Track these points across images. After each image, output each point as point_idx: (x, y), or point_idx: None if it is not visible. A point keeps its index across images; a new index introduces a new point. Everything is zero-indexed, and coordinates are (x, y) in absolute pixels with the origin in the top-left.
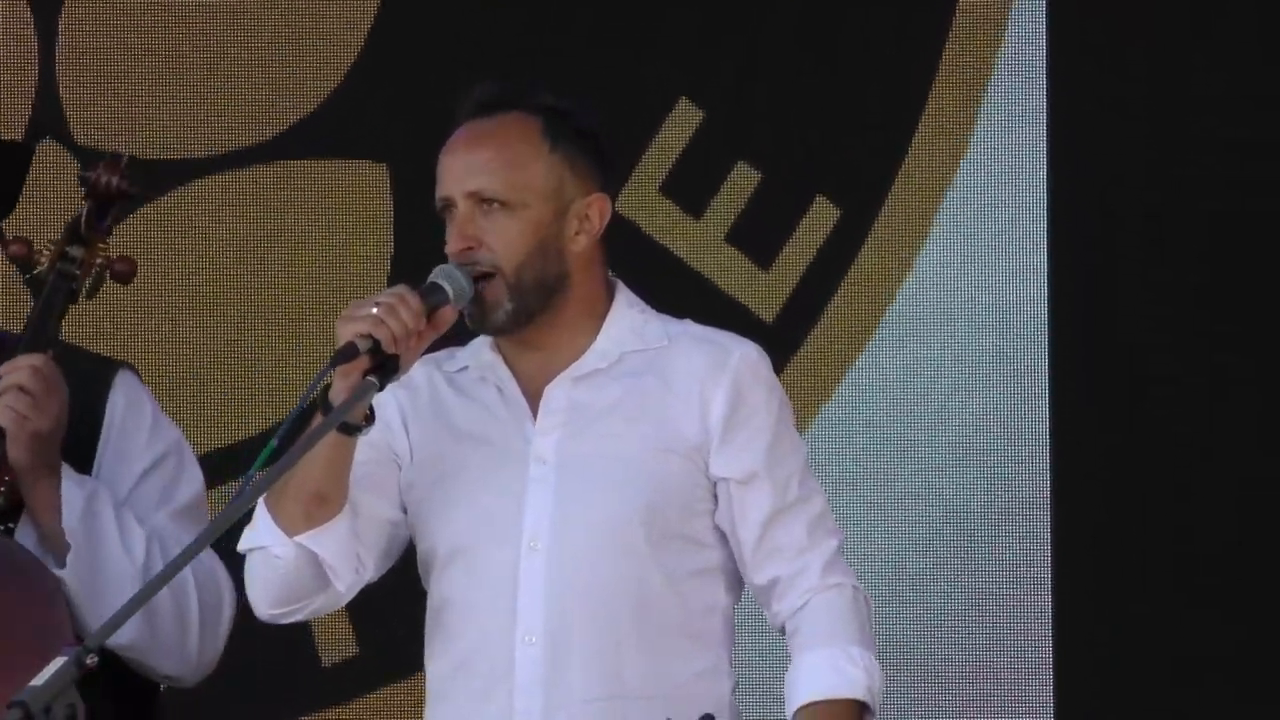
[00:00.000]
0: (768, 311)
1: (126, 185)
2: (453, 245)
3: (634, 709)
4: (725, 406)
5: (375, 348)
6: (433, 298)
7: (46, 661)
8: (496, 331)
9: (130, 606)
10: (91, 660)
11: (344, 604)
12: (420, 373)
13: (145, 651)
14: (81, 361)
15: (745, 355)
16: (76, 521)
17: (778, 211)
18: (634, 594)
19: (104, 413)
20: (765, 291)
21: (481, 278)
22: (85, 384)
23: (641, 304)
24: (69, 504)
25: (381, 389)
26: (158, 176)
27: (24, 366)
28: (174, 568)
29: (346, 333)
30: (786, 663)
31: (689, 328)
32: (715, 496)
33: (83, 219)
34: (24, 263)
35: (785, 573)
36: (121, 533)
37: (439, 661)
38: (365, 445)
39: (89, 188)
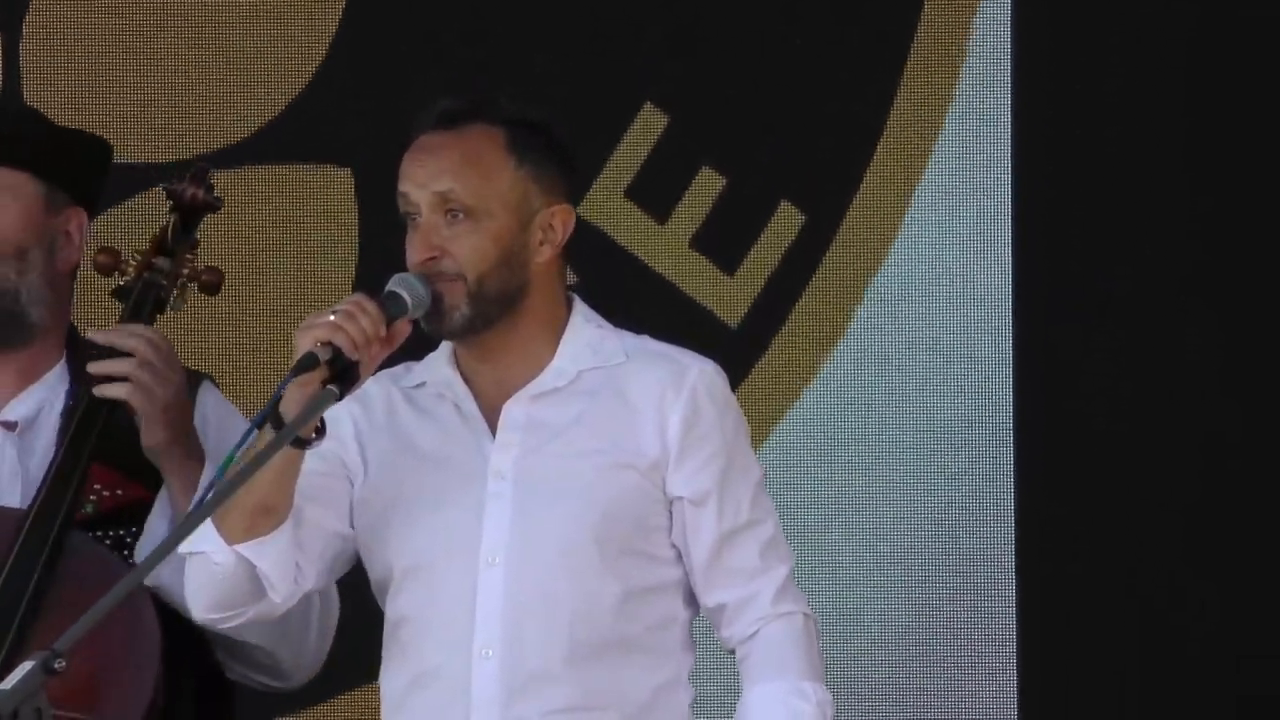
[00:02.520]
0: (732, 317)
1: (211, 197)
2: (416, 255)
3: None
4: (681, 425)
5: (335, 357)
6: (392, 306)
7: (140, 667)
8: (452, 336)
9: (91, 616)
10: (60, 664)
11: (279, 613)
12: (375, 388)
13: (274, 648)
14: None
15: (703, 373)
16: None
17: (743, 217)
18: (590, 608)
19: (192, 419)
20: (730, 297)
21: (441, 278)
22: None
23: (599, 319)
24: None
25: (341, 398)
26: (124, 181)
27: (137, 335)
28: (134, 579)
29: (305, 341)
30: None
31: (646, 344)
32: (669, 512)
33: (169, 230)
34: (110, 273)
35: (734, 598)
36: None
37: (396, 677)
38: (316, 456)
39: (175, 199)
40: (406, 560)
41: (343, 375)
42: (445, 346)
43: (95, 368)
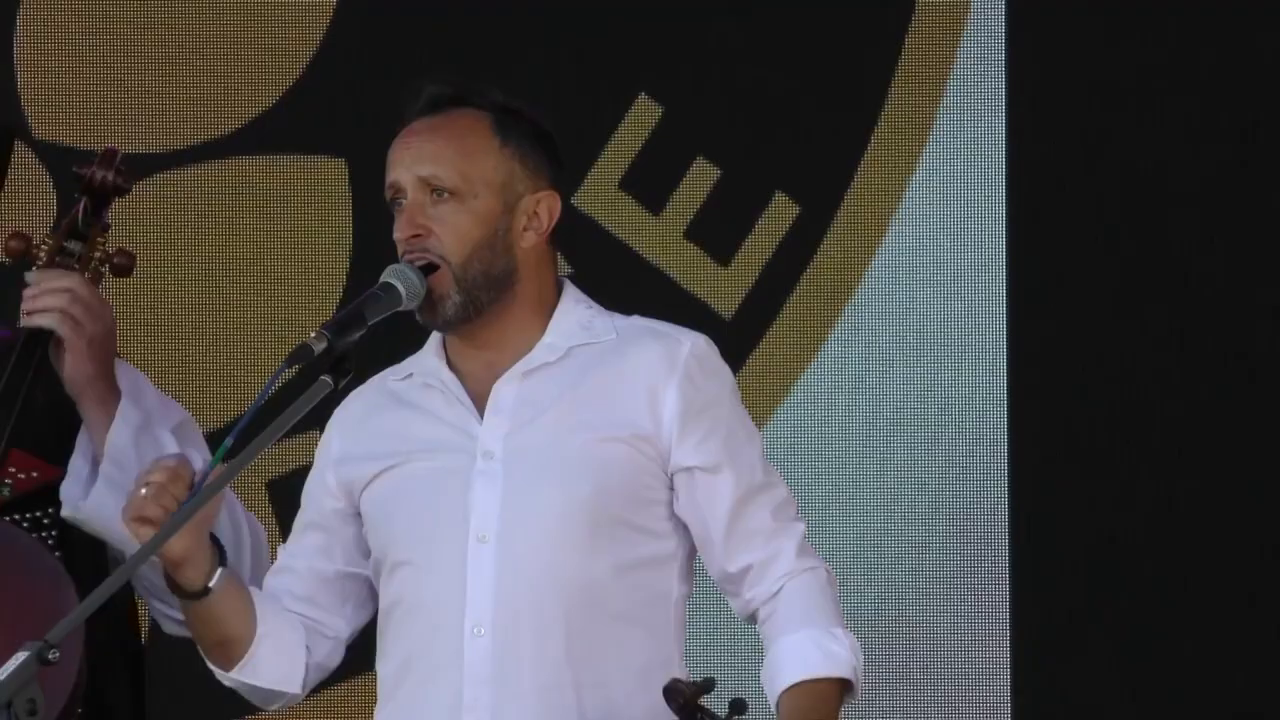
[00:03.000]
0: (726, 308)
1: (122, 180)
2: (401, 232)
3: (585, 698)
4: (679, 400)
5: (329, 348)
6: (386, 297)
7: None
8: (445, 325)
9: (86, 607)
10: (53, 655)
11: (328, 670)
12: (358, 398)
13: None
14: None
15: (695, 346)
16: (129, 437)
17: (737, 207)
18: (582, 583)
19: (113, 359)
20: (724, 288)
21: (429, 268)
22: None
23: (589, 301)
24: (125, 421)
25: (336, 388)
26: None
27: (70, 275)
28: (121, 575)
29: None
30: (741, 652)
31: (637, 321)
32: (671, 487)
33: (79, 214)
34: (21, 258)
35: (758, 559)
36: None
37: (389, 659)
38: (307, 509)
39: (85, 183)
40: (398, 543)
41: (337, 367)
42: (434, 338)
43: (28, 301)
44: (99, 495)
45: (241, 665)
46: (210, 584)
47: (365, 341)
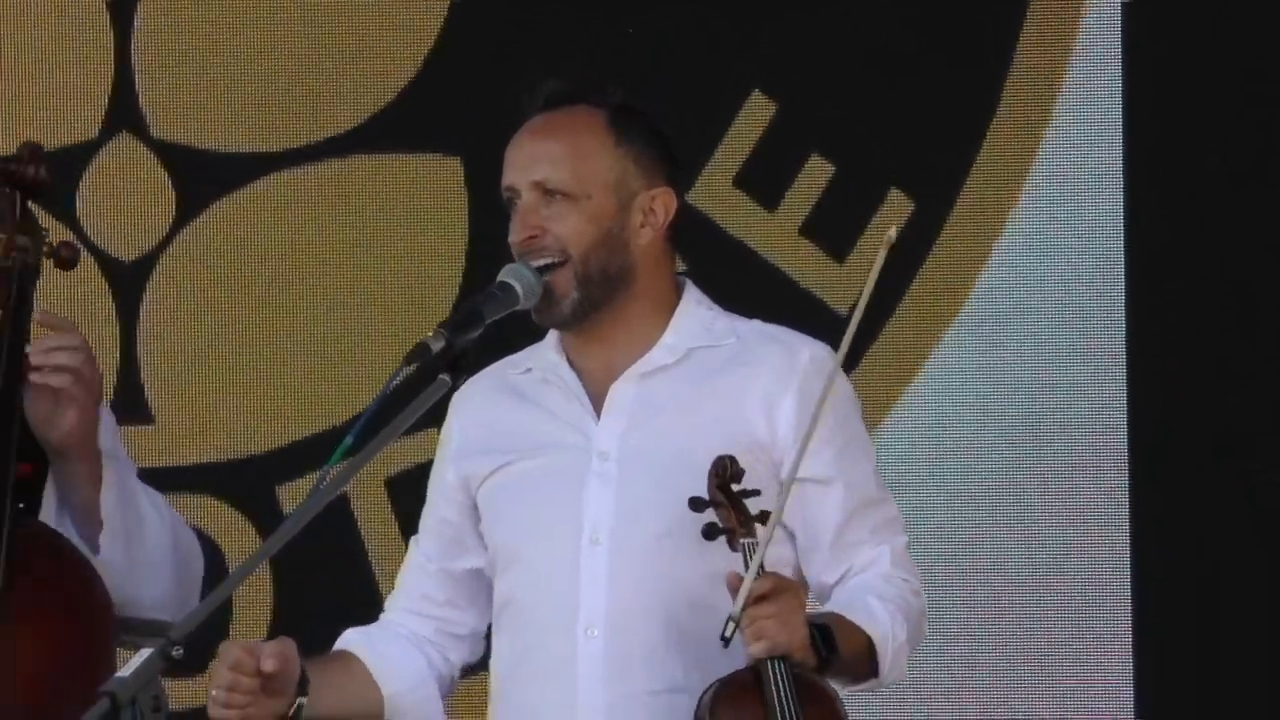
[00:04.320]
0: (842, 304)
1: (48, 175)
2: (516, 235)
3: (692, 704)
4: (796, 409)
5: (448, 345)
6: (503, 295)
7: (98, 643)
8: (562, 324)
9: (209, 603)
10: (177, 652)
11: (471, 664)
12: (478, 388)
13: (175, 618)
14: None
15: (815, 356)
16: (116, 500)
17: (852, 204)
18: (692, 587)
19: None
20: (840, 284)
21: (548, 268)
22: None
23: (709, 302)
24: (109, 486)
25: (454, 386)
26: (232, 170)
27: (72, 336)
28: (253, 562)
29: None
30: None
31: (758, 326)
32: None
33: (17, 209)
34: None
35: (857, 565)
36: (147, 495)
37: (503, 657)
38: (432, 513)
39: (15, 179)
40: (512, 541)
41: (455, 365)
42: (553, 332)
43: (41, 357)
44: (101, 568)
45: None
46: (289, 713)
47: (483, 340)
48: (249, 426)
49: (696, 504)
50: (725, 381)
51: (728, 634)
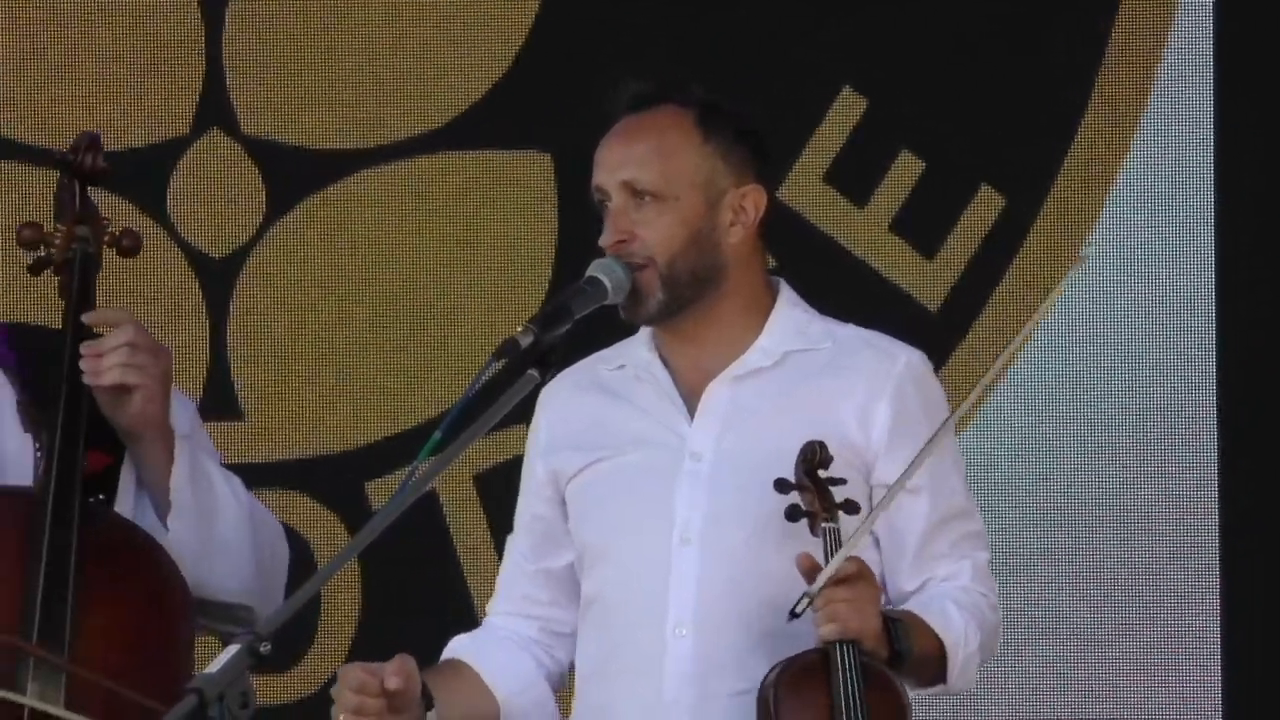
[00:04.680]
0: (932, 300)
1: (106, 164)
2: (606, 239)
3: None
4: (890, 415)
5: (536, 341)
6: (592, 290)
7: (175, 634)
8: (649, 321)
9: (301, 595)
10: (265, 648)
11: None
12: (568, 382)
13: (256, 604)
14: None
15: (910, 362)
16: (186, 476)
17: (942, 200)
18: (781, 589)
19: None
20: (930, 280)
21: (637, 267)
22: None
23: (805, 304)
24: (181, 466)
25: (543, 381)
26: (322, 167)
27: (117, 335)
28: (341, 559)
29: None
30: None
31: (853, 330)
32: (870, 501)
33: (77, 199)
34: (35, 247)
35: (936, 576)
36: (226, 479)
37: (589, 654)
38: (529, 515)
39: (74, 169)
40: (601, 537)
41: (543, 360)
42: (645, 328)
43: (90, 363)
44: (173, 549)
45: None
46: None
47: (571, 336)
48: (338, 422)
49: (782, 485)
50: (820, 386)
51: (799, 609)
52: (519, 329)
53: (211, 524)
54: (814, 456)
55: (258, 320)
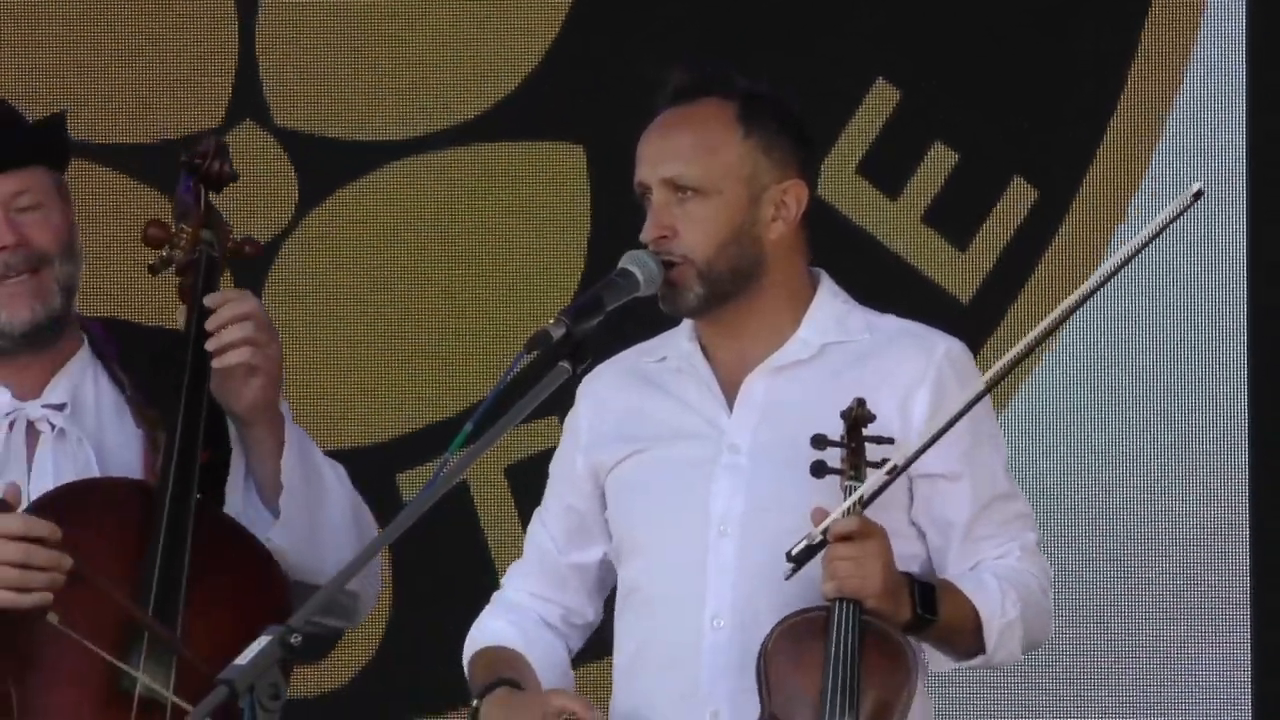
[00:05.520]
0: (964, 292)
1: (230, 169)
2: (648, 234)
3: None
4: (929, 403)
5: (568, 333)
6: (624, 282)
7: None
8: (688, 313)
9: (333, 584)
10: (295, 639)
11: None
12: (610, 373)
13: (359, 588)
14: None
15: (950, 351)
16: (297, 459)
17: (975, 192)
18: (818, 580)
19: None
20: (962, 272)
21: (674, 263)
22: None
23: (845, 295)
24: (292, 448)
25: (575, 374)
26: (355, 158)
27: (241, 303)
28: (370, 551)
29: None
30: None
31: (891, 321)
32: (910, 492)
33: (202, 203)
34: (160, 246)
35: (985, 559)
36: (330, 466)
37: (626, 645)
38: (557, 504)
39: (201, 173)
40: (638, 528)
41: (575, 352)
42: (687, 320)
43: (214, 325)
44: (282, 534)
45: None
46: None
47: (603, 328)
48: (370, 414)
49: (819, 441)
50: (859, 376)
51: (794, 551)
52: (551, 321)
53: (320, 508)
54: (853, 413)
55: (289, 311)
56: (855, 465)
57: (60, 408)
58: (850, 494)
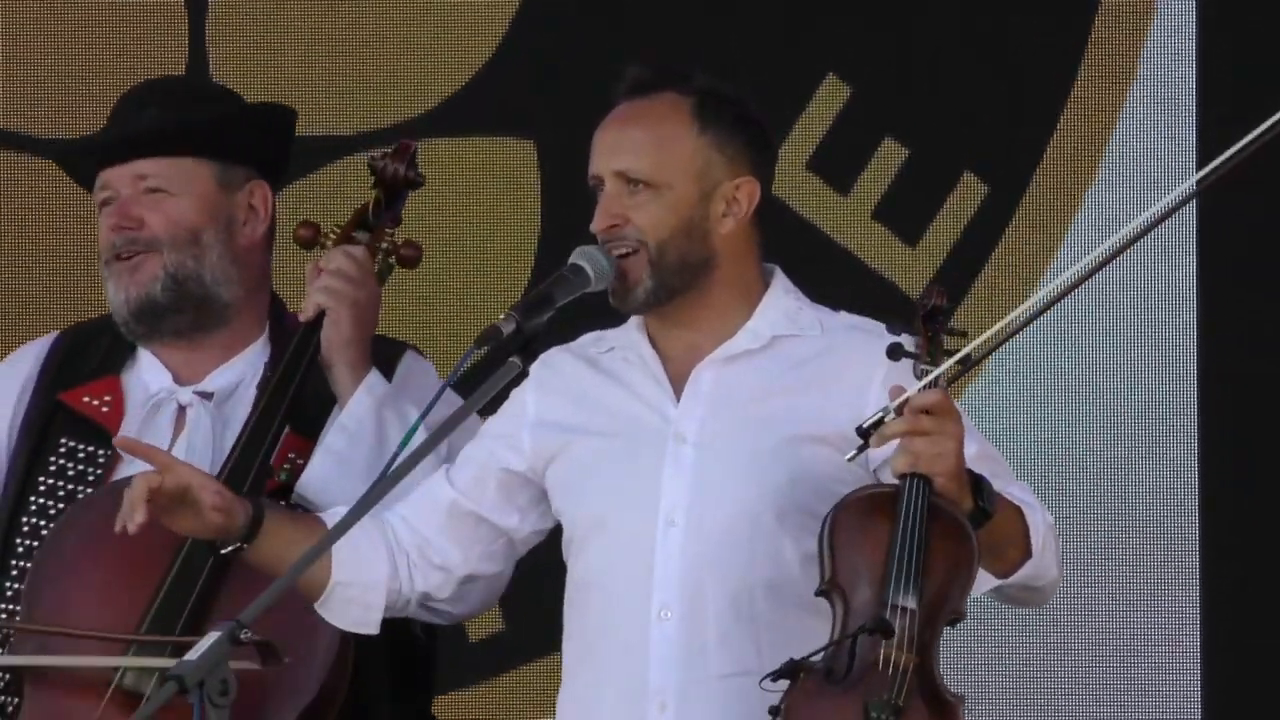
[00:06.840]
0: (915, 288)
1: (415, 174)
2: (598, 224)
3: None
4: (883, 394)
5: (519, 328)
6: (575, 278)
7: (308, 624)
8: (637, 309)
9: (284, 582)
10: (245, 635)
11: (442, 608)
12: (558, 360)
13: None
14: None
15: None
16: (365, 406)
17: (925, 188)
18: (768, 572)
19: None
20: (912, 268)
21: (623, 256)
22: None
23: (798, 292)
24: (369, 390)
25: (524, 369)
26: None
27: (340, 254)
28: (322, 545)
29: None
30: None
31: (844, 317)
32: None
33: (371, 205)
34: (310, 246)
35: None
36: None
37: (575, 637)
38: (476, 457)
39: (378, 175)
40: (586, 519)
41: (526, 348)
42: None
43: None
44: (316, 468)
45: (329, 598)
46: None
47: (553, 324)
48: None
49: (894, 328)
50: (809, 371)
51: (864, 426)
52: (501, 316)
53: (362, 462)
54: (930, 299)
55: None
56: (932, 352)
57: (208, 396)
58: (924, 379)
